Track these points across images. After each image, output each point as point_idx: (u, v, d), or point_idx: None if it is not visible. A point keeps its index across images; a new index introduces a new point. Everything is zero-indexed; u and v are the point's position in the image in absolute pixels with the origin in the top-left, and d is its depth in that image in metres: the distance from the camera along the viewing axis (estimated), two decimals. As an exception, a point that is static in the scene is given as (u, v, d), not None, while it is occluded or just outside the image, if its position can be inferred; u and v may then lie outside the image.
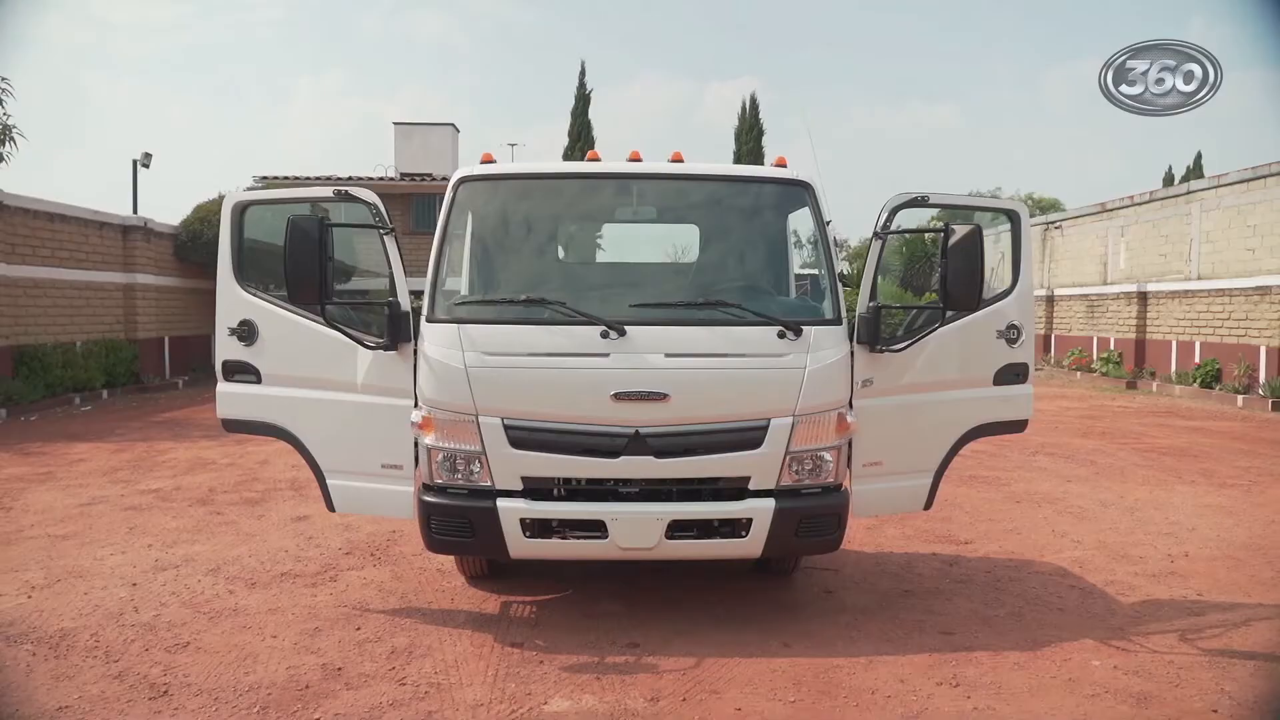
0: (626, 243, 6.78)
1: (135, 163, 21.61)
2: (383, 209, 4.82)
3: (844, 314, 4.91)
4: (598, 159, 5.30)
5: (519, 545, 4.67)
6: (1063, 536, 7.14)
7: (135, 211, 21.14)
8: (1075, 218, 26.42)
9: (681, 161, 5.32)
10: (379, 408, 4.93)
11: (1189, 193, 20.89)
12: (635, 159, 5.27)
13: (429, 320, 4.77)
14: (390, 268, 4.84)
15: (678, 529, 4.67)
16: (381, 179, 28.50)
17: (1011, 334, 5.29)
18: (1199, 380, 18.99)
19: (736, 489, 4.75)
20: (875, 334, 4.89)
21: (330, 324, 4.61)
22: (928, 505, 5.31)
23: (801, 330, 4.70)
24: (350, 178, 27.33)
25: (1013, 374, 5.33)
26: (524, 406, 4.61)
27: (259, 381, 5.12)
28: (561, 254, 5.94)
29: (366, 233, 4.85)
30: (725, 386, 4.64)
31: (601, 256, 6.53)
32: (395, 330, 4.78)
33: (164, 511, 7.91)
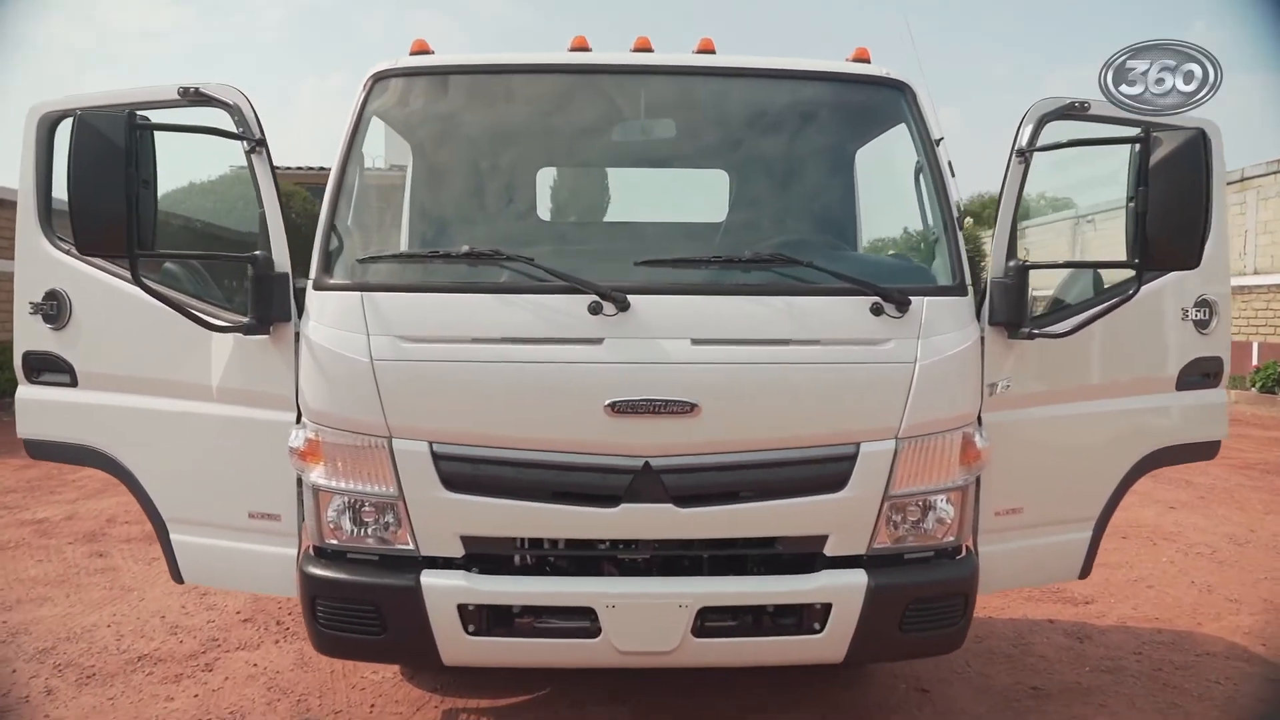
0: (624, 199, 4.90)
1: (90, 145, 19.76)
2: (249, 114, 3.06)
3: (969, 279, 3.14)
4: (586, 47, 3.53)
5: (457, 646, 2.90)
6: (1210, 591, 5.36)
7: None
8: (1108, 210, 24.63)
9: (713, 53, 3.56)
10: (244, 425, 3.17)
11: (1242, 179, 19.10)
12: (643, 47, 3.51)
13: (317, 286, 3.01)
14: (260, 203, 3.08)
15: (711, 619, 2.91)
16: (369, 169, 26.71)
17: (1201, 314, 3.53)
18: (1259, 384, 17.18)
19: (804, 556, 2.99)
20: (1020, 310, 3.12)
21: (146, 289, 2.85)
22: (1084, 573, 3.54)
23: (909, 303, 2.94)
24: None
25: (1200, 373, 3.57)
26: (464, 424, 2.86)
27: (73, 384, 3.37)
28: (530, 196, 4.13)
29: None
30: (788, 392, 2.89)
31: (590, 212, 4.67)
32: (264, 302, 3.02)
33: (33, 552, 6.14)
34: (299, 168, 25.33)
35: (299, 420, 3.04)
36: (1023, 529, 3.34)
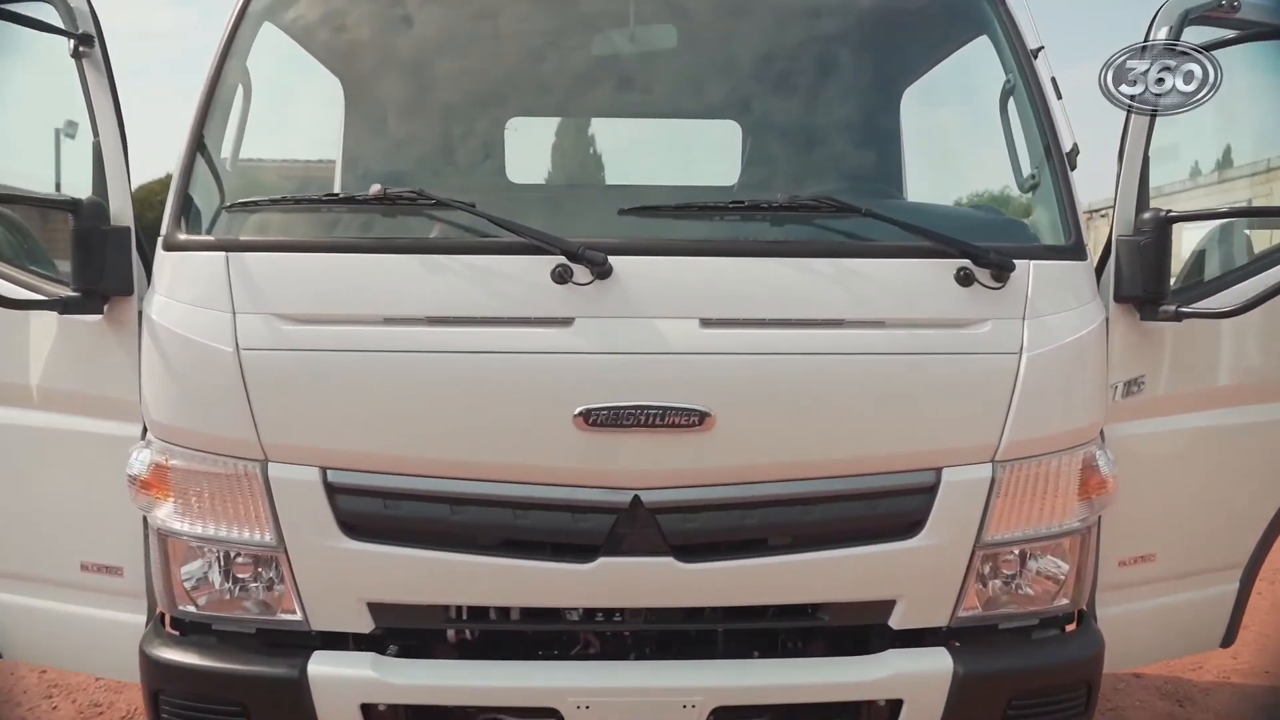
0: (609, 159, 3.89)
1: (58, 132, 18.89)
2: (78, 3, 2.16)
3: (1086, 238, 2.25)
4: None
5: (362, 763, 2.01)
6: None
7: (58, 188, 18.44)
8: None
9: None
10: (74, 440, 2.29)
11: (1268, 170, 18.21)
12: None
13: (168, 245, 2.12)
14: (94, 127, 2.19)
15: (729, 721, 2.03)
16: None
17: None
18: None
19: (861, 629, 2.12)
20: (1159, 280, 2.23)
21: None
22: (1228, 639, 2.65)
23: (1011, 267, 2.04)
24: (320, 160, 24.81)
25: None
26: (372, 442, 1.99)
27: None
28: (495, 140, 3.20)
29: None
30: (839, 395, 2.02)
31: (563, 170, 3.68)
32: (93, 267, 2.13)
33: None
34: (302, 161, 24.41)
35: (144, 435, 2.15)
36: (1154, 583, 2.45)
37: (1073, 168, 2.30)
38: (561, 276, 1.95)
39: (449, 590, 2.05)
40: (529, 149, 3.63)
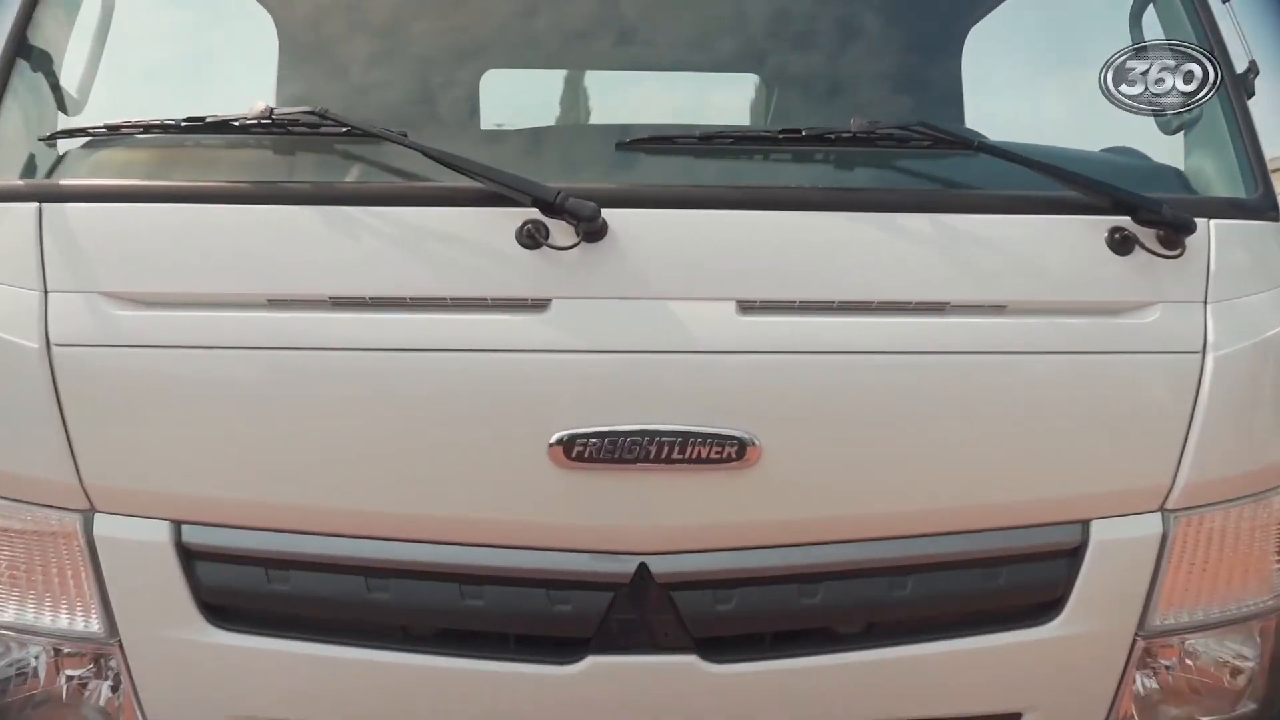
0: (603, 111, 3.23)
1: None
2: None
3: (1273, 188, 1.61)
4: None
5: None
6: None
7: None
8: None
9: None
10: None
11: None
12: None
13: (-40, 195, 1.46)
14: None
15: None
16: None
17: None
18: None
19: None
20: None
21: None
22: None
23: (1191, 228, 1.40)
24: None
25: None
26: (247, 483, 1.36)
27: None
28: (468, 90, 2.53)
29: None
30: (941, 416, 1.39)
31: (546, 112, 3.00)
32: None
33: None
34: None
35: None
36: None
37: (1249, 94, 1.66)
38: (532, 237, 1.31)
39: (364, 705, 1.41)
40: (506, 98, 2.98)
